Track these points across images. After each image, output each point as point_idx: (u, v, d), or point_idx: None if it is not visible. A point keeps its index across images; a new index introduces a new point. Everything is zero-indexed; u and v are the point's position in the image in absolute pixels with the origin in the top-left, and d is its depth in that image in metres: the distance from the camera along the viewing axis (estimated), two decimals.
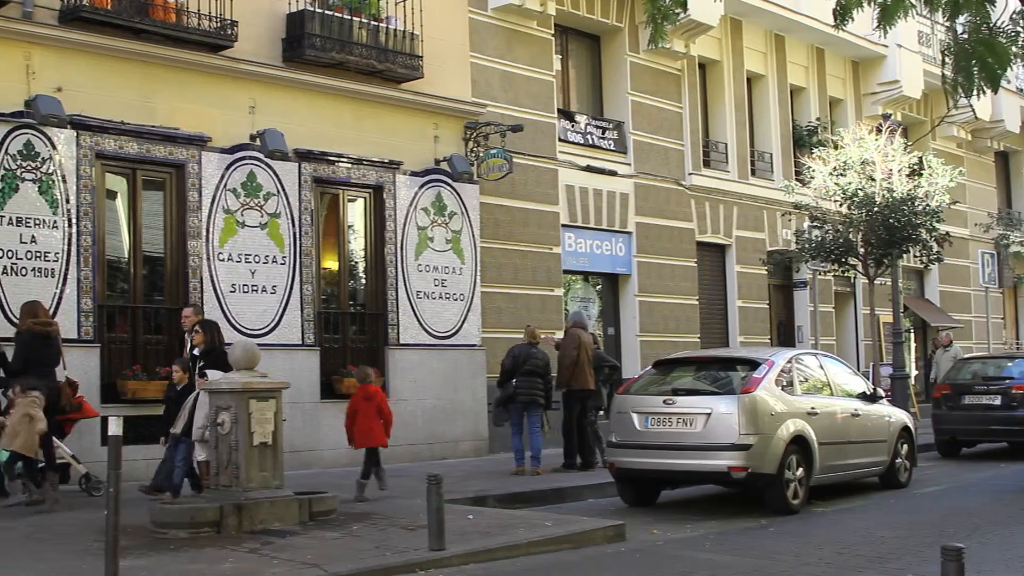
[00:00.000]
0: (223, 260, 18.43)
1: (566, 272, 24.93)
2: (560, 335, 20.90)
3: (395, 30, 20.52)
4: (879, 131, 26.39)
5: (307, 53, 19.37)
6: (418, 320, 21.00)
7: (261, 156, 18.88)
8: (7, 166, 16.23)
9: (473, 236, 22.03)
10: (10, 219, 16.20)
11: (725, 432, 14.97)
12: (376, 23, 20.31)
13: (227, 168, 18.56)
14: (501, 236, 23.13)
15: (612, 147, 26.13)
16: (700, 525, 14.23)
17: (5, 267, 16.08)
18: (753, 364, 15.80)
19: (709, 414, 15.13)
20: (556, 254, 24.38)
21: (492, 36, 23.42)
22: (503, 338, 21.79)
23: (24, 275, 16.21)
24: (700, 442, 15.09)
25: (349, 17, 19.87)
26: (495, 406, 19.25)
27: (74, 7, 16.84)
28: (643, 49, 26.67)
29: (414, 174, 21.14)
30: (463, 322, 21.67)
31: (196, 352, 14.90)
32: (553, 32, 24.85)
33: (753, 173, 30.13)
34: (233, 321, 18.28)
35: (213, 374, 14.01)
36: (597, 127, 26.01)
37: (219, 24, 18.31)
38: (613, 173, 25.85)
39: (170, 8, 18.02)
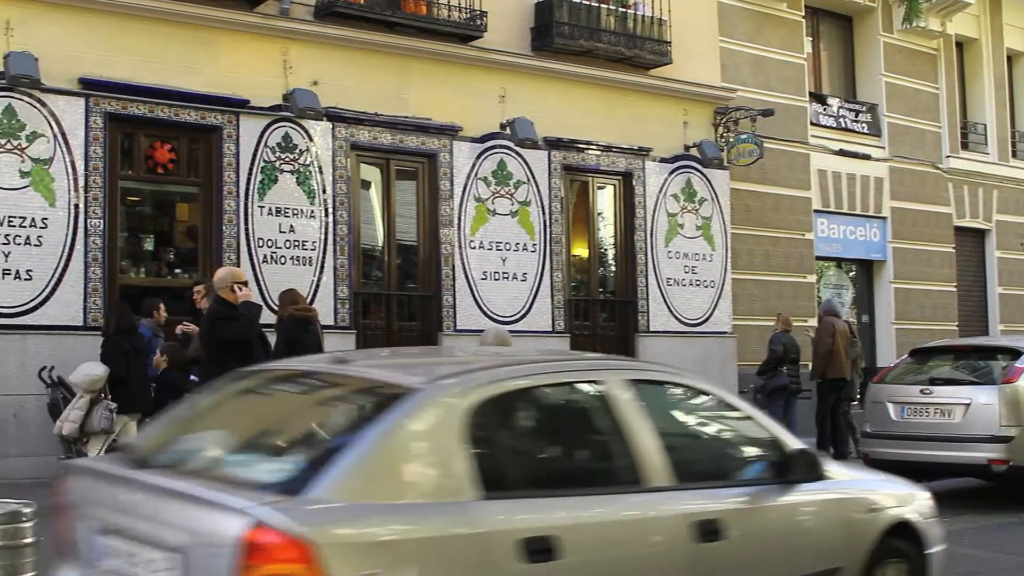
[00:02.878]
0: (474, 248, 18.38)
1: (818, 258, 24.11)
2: (813, 323, 20.23)
3: (643, 16, 20.10)
4: None
5: (556, 41, 19.14)
6: (668, 307, 20.57)
7: (511, 144, 18.74)
8: (266, 158, 16.51)
9: (724, 222, 21.47)
10: (270, 209, 16.48)
11: (985, 423, 14.15)
12: (624, 9, 19.94)
13: (478, 157, 18.51)
14: (752, 222, 22.50)
15: (865, 130, 25.16)
16: (957, 519, 13.40)
17: (265, 256, 16.36)
18: (1015, 353, 14.83)
19: (968, 405, 14.33)
20: (808, 240, 23.60)
21: (742, 20, 22.79)
22: (754, 326, 21.26)
23: (283, 263, 16.48)
24: (958, 433, 14.30)
25: (597, 4, 19.56)
26: (757, 394, 18.64)
27: (329, 3, 16.97)
28: (897, 29, 25.59)
29: (663, 160, 20.71)
30: (714, 309, 21.13)
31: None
32: (804, 14, 24.03)
33: (1014, 155, 28.57)
34: (484, 308, 18.24)
35: (86, 367, 12.91)
36: (850, 110, 25.08)
37: (469, 15, 18.24)
38: (867, 157, 24.87)
39: (421, 1, 18.04)
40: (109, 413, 12.33)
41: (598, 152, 19.96)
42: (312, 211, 16.82)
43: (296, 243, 16.64)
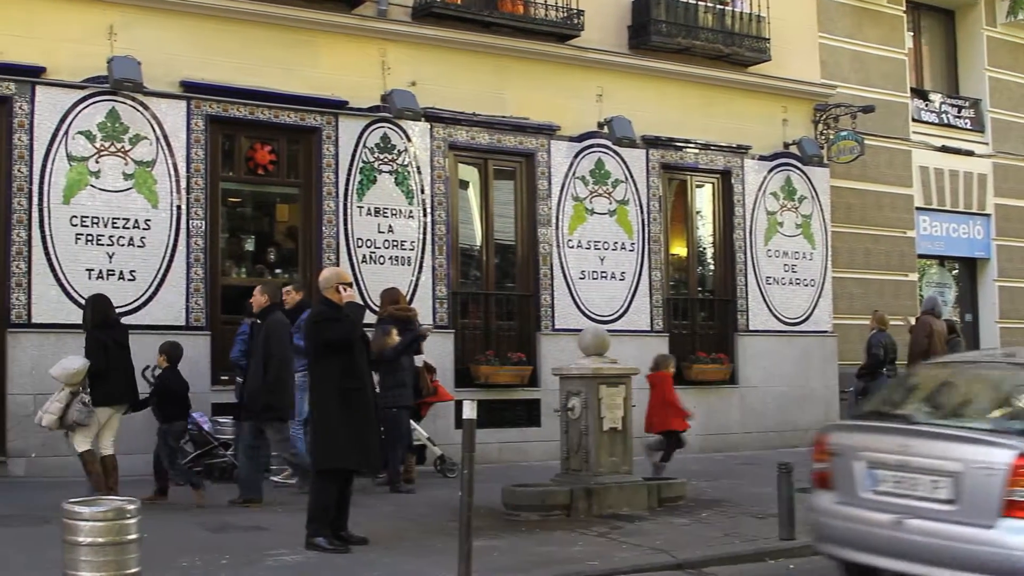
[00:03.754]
0: (572, 247, 18.19)
1: (920, 256, 23.55)
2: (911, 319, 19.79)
3: (741, 13, 19.80)
4: None
5: (653, 39, 18.89)
6: (767, 306, 20.21)
7: (609, 143, 18.52)
8: (365, 159, 16.47)
9: (824, 220, 21.03)
10: (369, 209, 16.43)
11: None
12: (722, 6, 19.65)
13: (576, 156, 18.32)
14: (852, 220, 22.05)
15: (968, 126, 24.53)
16: None
17: (364, 256, 16.31)
18: None
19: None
20: (910, 238, 23.08)
21: (841, 15, 22.34)
22: (854, 325, 20.86)
23: (382, 263, 16.42)
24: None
25: (694, 2, 19.30)
26: (857, 396, 18.20)
27: (426, 3, 16.89)
28: (1001, 22, 24.92)
29: (762, 158, 20.35)
30: (814, 308, 20.70)
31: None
32: (905, 8, 23.53)
33: None
34: (582, 307, 18.05)
35: (64, 361, 12.64)
36: (952, 105, 24.48)
37: (566, 14, 18.05)
38: (970, 153, 24.25)
39: (518, 0, 17.90)
40: (82, 406, 12.31)
41: (696, 150, 19.66)
42: (411, 211, 16.75)
43: (395, 243, 16.57)
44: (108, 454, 12.38)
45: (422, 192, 16.87)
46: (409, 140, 16.82)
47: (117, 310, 13.55)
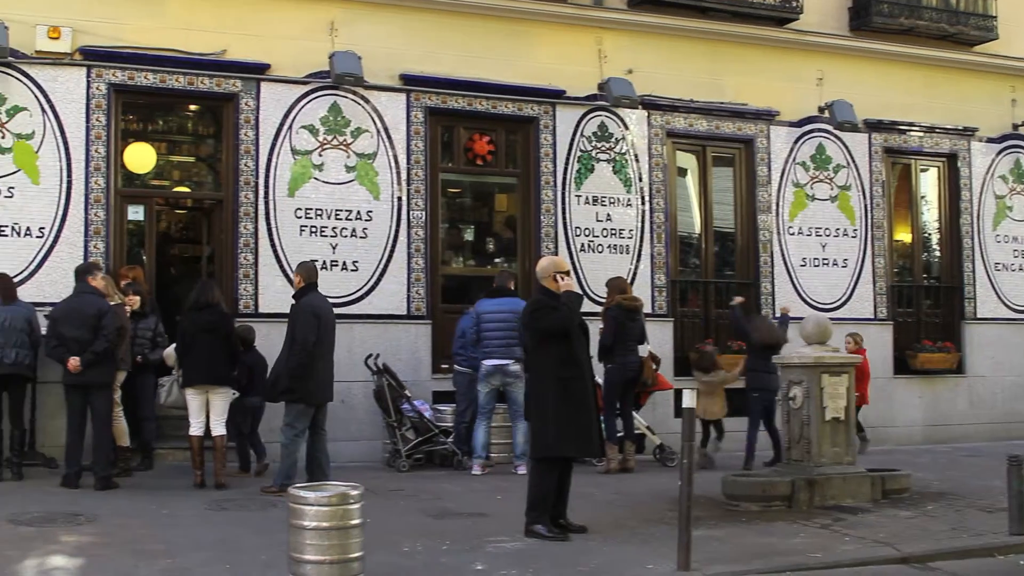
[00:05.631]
0: (793, 234, 17.53)
1: None
2: None
3: None
4: None
5: (875, 21, 18.06)
6: (996, 293, 19.09)
7: (830, 128, 17.78)
8: (583, 148, 16.16)
9: None
10: (586, 198, 16.12)
11: None
12: None
13: (795, 141, 17.66)
14: None
15: None
16: None
17: (582, 244, 16.00)
18: None
19: None
20: None
21: None
22: None
23: (600, 252, 16.08)
24: None
25: None
26: None
27: None
28: None
29: (990, 140, 19.23)
30: None
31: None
32: None
33: None
34: (803, 295, 17.40)
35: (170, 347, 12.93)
36: None
37: None
38: None
39: None
40: (172, 388, 12.66)
41: (920, 134, 18.70)
42: (629, 199, 16.34)
43: (613, 232, 16.19)
44: (216, 435, 12.32)
45: (640, 180, 16.45)
46: (626, 128, 16.42)
47: (339, 300, 13.63)
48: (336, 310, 13.60)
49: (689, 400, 8.77)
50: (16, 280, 12.95)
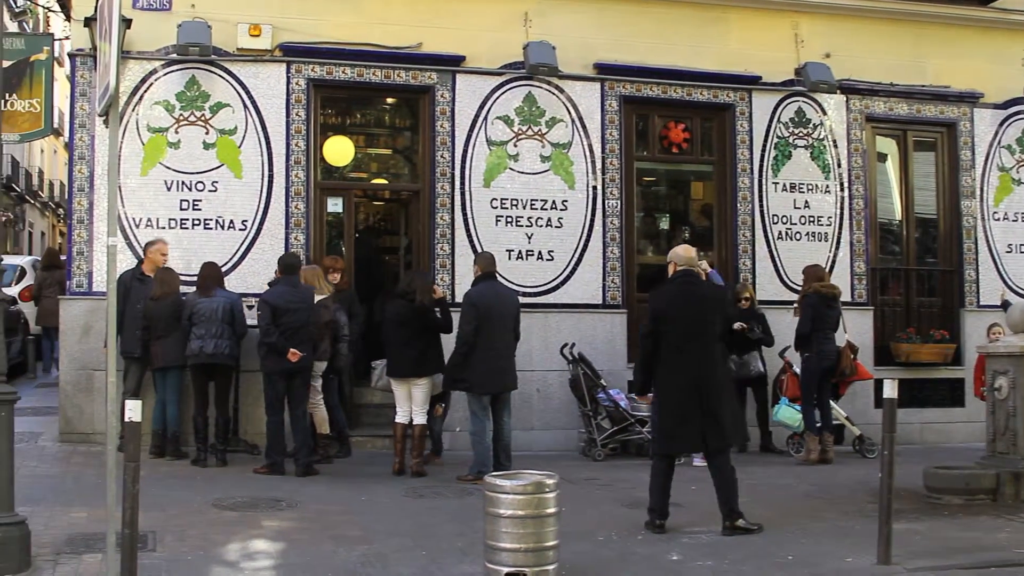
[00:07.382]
0: (998, 220, 16.65)
1: None
2: None
3: None
4: None
5: None
6: None
7: None
8: (780, 134, 15.60)
9: None
10: (784, 185, 15.56)
11: None
12: None
13: (1001, 124, 16.75)
14: None
15: None
16: None
17: (780, 232, 15.46)
18: None
19: None
20: None
21: None
22: None
23: (798, 239, 15.50)
24: None
25: None
26: None
27: None
28: None
29: None
30: None
31: None
32: None
33: None
34: (1009, 282, 16.53)
35: None
36: None
37: None
38: None
39: None
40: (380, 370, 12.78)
41: None
42: (827, 186, 15.70)
43: (811, 219, 15.57)
44: (416, 423, 12.13)
45: (839, 166, 15.79)
46: (824, 113, 15.76)
47: (534, 289, 13.85)
48: (531, 300, 13.36)
49: (890, 390, 8.40)
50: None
